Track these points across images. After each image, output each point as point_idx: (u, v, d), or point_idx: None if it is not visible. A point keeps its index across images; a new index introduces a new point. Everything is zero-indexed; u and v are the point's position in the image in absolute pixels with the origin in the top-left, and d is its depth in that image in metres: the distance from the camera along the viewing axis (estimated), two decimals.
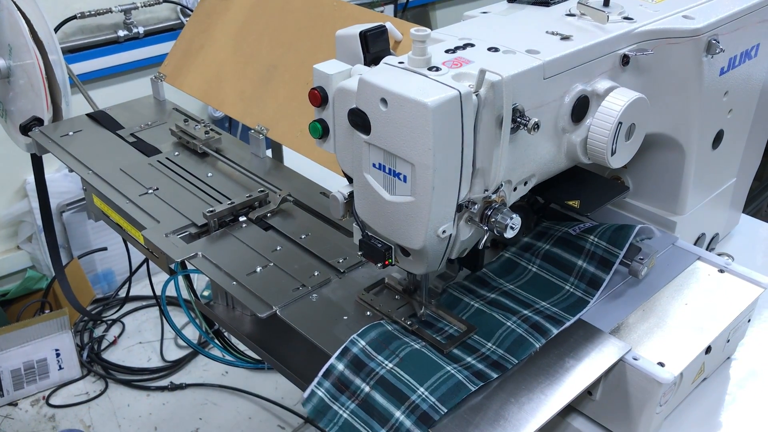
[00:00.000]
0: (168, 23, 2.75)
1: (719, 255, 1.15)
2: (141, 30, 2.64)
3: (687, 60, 0.97)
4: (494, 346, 0.88)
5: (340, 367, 0.85)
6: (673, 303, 0.96)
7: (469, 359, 0.86)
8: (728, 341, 0.98)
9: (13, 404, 2.36)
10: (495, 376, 0.84)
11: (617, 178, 1.14)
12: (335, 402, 0.83)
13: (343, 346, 0.86)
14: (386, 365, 0.84)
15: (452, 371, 0.83)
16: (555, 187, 0.96)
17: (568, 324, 0.91)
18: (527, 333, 0.89)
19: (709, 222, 1.21)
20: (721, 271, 1.02)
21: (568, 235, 1.00)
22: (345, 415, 0.81)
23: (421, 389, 0.81)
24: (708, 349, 0.92)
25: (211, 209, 1.16)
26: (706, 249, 1.23)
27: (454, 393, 0.81)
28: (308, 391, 0.85)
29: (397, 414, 0.79)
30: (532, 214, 1.06)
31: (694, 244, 1.18)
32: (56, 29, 1.58)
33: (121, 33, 2.61)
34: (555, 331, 0.89)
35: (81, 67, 2.49)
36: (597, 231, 0.99)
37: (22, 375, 2.35)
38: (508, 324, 0.90)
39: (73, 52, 2.51)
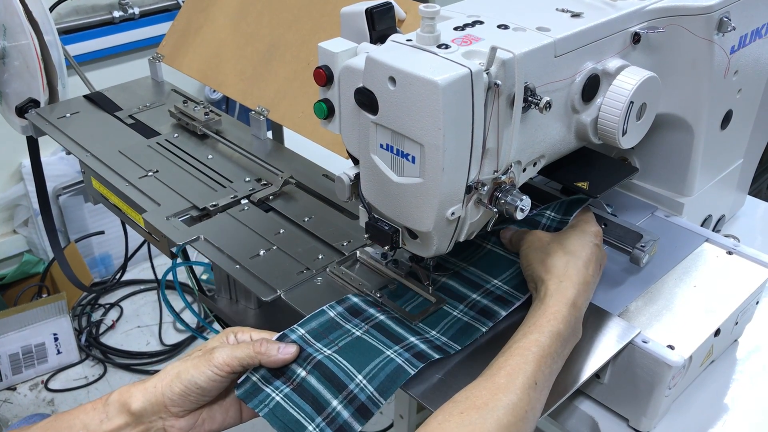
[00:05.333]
0: (163, 4, 2.71)
1: (726, 237, 1.14)
2: (136, 11, 2.61)
3: (698, 38, 0.95)
4: (438, 334, 0.87)
5: None
6: (682, 285, 0.95)
7: (411, 339, 0.85)
8: (737, 323, 0.97)
9: (12, 389, 2.35)
10: (436, 357, 0.82)
11: (624, 159, 1.12)
12: (268, 385, 0.78)
13: (280, 333, 0.82)
14: (324, 351, 0.81)
15: (392, 355, 0.81)
16: (563, 169, 0.95)
17: (518, 303, 0.91)
18: (473, 320, 0.89)
19: (715, 203, 1.20)
20: (730, 252, 1.01)
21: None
22: (278, 398, 0.77)
23: (360, 377, 0.78)
24: (717, 332, 0.91)
25: (214, 203, 1.14)
26: (713, 231, 1.22)
27: (392, 380, 0.78)
28: (243, 377, 0.79)
29: (335, 403, 0.76)
30: None
31: (701, 225, 1.17)
32: (50, 9, 1.55)
33: (117, 14, 2.58)
34: (503, 313, 0.90)
35: (76, 49, 2.46)
36: (552, 206, 0.99)
37: (20, 359, 2.34)
38: (455, 313, 0.90)
39: (67, 33, 2.48)
